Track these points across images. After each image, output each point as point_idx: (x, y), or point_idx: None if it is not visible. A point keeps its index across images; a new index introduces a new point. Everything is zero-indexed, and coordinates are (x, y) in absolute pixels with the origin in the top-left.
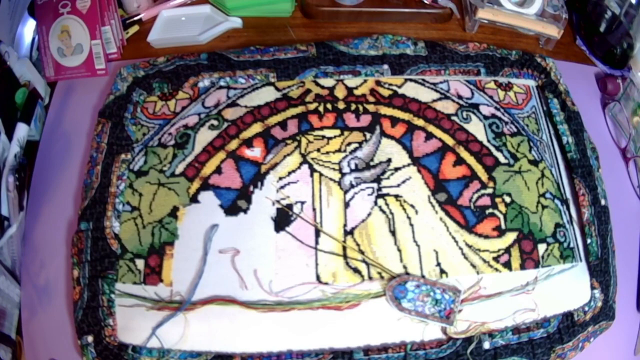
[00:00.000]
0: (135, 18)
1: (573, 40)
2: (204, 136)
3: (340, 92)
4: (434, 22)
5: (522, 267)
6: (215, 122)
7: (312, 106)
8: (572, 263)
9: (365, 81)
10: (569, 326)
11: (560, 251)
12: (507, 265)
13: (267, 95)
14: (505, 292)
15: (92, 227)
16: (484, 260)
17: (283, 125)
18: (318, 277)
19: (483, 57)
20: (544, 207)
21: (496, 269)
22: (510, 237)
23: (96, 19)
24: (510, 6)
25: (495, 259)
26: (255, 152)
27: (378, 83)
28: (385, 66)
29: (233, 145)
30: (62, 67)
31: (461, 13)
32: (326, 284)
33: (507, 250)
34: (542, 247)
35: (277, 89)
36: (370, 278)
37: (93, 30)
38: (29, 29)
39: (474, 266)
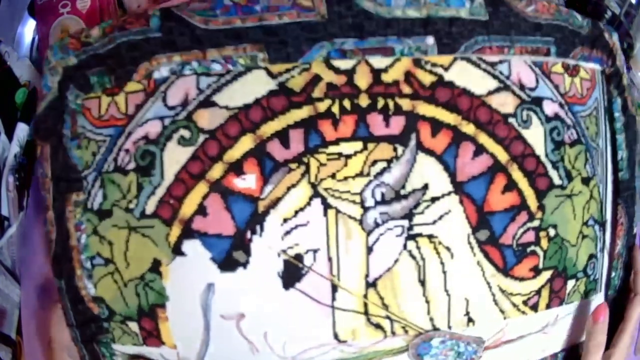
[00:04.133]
0: None
1: None
2: (174, 155)
3: (362, 78)
4: None
5: (548, 306)
6: (186, 134)
7: (322, 105)
8: (592, 297)
9: (398, 59)
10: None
11: (586, 285)
12: (535, 307)
13: (256, 85)
14: (527, 335)
15: (65, 287)
16: (514, 305)
17: (283, 137)
18: (336, 336)
19: (555, 29)
20: (584, 237)
21: (523, 312)
22: (545, 276)
23: (96, 19)
24: None
25: (525, 302)
26: (248, 182)
27: (417, 63)
28: (430, 39)
29: (216, 171)
30: None
31: None
32: (345, 342)
33: (539, 291)
34: (570, 284)
35: (271, 75)
36: (393, 333)
37: None
38: (29, 29)
39: (502, 312)
